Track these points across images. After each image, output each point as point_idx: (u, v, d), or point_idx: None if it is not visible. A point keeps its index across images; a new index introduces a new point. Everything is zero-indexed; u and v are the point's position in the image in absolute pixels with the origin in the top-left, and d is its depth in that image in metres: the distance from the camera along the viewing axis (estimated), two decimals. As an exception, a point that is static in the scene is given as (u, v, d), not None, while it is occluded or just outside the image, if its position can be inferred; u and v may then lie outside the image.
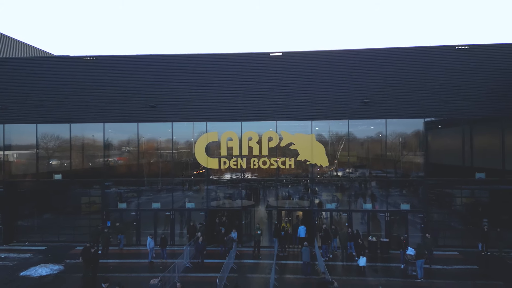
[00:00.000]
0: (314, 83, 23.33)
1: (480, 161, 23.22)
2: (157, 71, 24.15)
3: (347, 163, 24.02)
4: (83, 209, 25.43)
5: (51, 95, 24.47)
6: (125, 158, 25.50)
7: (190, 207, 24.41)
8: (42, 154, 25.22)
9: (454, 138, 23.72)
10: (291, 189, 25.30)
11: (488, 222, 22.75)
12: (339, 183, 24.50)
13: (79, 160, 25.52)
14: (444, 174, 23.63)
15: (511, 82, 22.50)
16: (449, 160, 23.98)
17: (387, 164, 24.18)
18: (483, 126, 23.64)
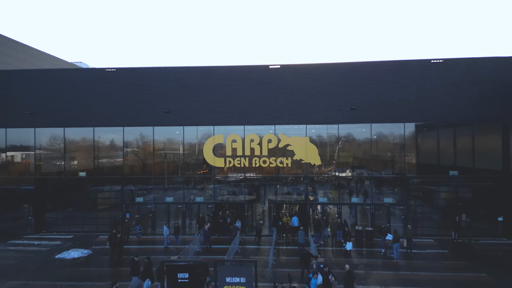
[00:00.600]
0: (308, 92, 26.57)
1: (453, 161, 26.49)
2: (170, 81, 27.45)
3: (337, 162, 27.29)
4: (104, 203, 28.76)
5: (76, 102, 27.77)
6: (127, 159, 28.82)
7: (199, 201, 27.70)
8: (68, 154, 28.56)
9: (430, 140, 26.99)
10: (289, 186, 28.54)
11: (465, 215, 25.90)
12: (330, 180, 27.75)
13: (101, 159, 28.86)
14: (423, 172, 26.92)
15: (479, 91, 25.71)
16: (426, 160, 27.24)
17: (373, 163, 27.46)
18: (456, 130, 26.86)
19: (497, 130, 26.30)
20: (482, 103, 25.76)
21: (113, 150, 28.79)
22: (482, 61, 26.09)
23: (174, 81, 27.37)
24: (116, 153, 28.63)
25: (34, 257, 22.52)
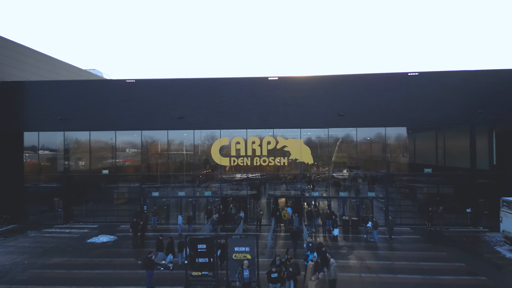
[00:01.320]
0: (302, 100, 30.60)
1: (427, 159, 30.60)
2: (181, 90, 31.48)
3: (328, 161, 31.37)
4: (123, 197, 32.85)
5: (100, 109, 31.83)
6: (129, 160, 32.90)
7: (207, 195, 31.78)
8: (93, 154, 32.66)
9: (409, 142, 31.10)
10: (286, 182, 32.60)
11: (442, 207, 29.90)
12: (321, 176, 31.81)
13: (122, 158, 32.96)
14: (402, 170, 31.01)
15: (449, 100, 29.71)
16: (406, 159, 31.31)
17: (359, 161, 31.53)
18: (430, 133, 30.94)
19: (466, 134, 30.38)
20: (452, 110, 29.80)
21: (131, 150, 32.88)
22: (452, 74, 30.17)
23: (185, 91, 31.41)
24: (134, 153, 32.72)
25: (68, 242, 26.58)
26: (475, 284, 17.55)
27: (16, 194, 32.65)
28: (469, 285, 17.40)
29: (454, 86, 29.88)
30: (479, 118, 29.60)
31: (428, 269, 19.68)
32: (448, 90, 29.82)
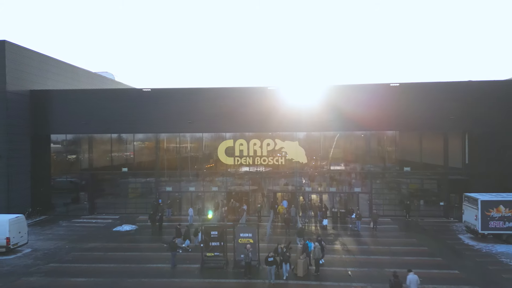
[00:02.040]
0: (297, 106, 34.81)
1: (410, 157, 35.03)
2: (191, 98, 35.72)
3: (320, 160, 35.80)
4: (140, 191, 37.40)
5: (120, 114, 36.10)
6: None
7: (214, 190, 36.31)
8: (114, 153, 37.12)
9: (392, 143, 35.49)
10: (284, 178, 36.99)
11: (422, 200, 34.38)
12: (314, 174, 36.25)
13: (139, 157, 37.43)
14: (385, 168, 35.45)
15: (427, 108, 33.89)
16: (389, 159, 35.73)
17: (348, 160, 35.95)
18: (411, 135, 35.29)
19: (440, 137, 34.74)
20: (430, 116, 34.01)
21: (147, 150, 37.37)
22: (429, 85, 34.41)
23: (195, 98, 35.63)
24: (150, 152, 37.20)
25: (97, 230, 31.19)
26: (430, 263, 22.04)
27: (45, 189, 37.16)
28: (426, 264, 21.88)
29: (432, 95, 34.04)
30: (453, 124, 33.86)
31: (397, 251, 24.20)
32: (426, 99, 33.99)
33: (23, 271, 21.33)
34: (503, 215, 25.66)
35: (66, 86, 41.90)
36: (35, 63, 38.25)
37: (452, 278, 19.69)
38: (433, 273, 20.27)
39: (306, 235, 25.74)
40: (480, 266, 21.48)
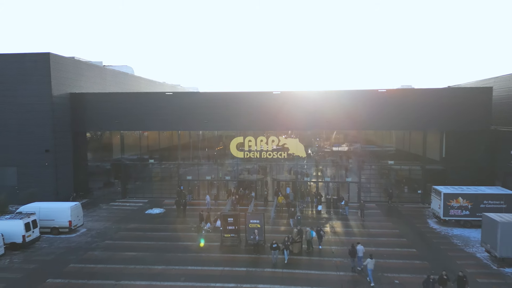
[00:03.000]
0: (297, 108, 40.57)
1: (393, 152, 41.07)
2: (206, 101, 41.70)
3: (317, 154, 41.98)
4: (165, 178, 44.14)
5: (147, 113, 42.28)
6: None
7: (227, 179, 42.91)
8: (143, 146, 43.65)
9: (379, 140, 41.47)
10: (287, 169, 43.35)
11: (407, 187, 40.66)
12: (312, 166, 42.53)
13: (163, 150, 43.97)
14: (373, 161, 41.60)
15: (409, 110, 39.49)
16: (377, 153, 41.81)
17: (342, 154, 42.08)
18: (396, 133, 41.13)
19: (420, 134, 40.58)
20: (413, 118, 39.69)
21: (170, 144, 43.88)
22: (412, 91, 39.94)
23: (209, 101, 41.61)
24: (172, 145, 43.73)
25: (132, 212, 38.12)
26: (396, 243, 28.52)
27: (84, 177, 44.05)
28: (393, 243, 28.37)
29: (415, 100, 39.63)
30: (432, 124, 39.57)
31: (374, 234, 30.73)
32: (408, 102, 39.59)
33: (87, 247, 28.30)
34: (461, 205, 31.90)
35: (95, 85, 48.12)
36: (71, 68, 44.21)
37: (409, 255, 26.21)
38: (395, 251, 26.83)
39: (302, 219, 32.38)
40: (434, 246, 27.95)
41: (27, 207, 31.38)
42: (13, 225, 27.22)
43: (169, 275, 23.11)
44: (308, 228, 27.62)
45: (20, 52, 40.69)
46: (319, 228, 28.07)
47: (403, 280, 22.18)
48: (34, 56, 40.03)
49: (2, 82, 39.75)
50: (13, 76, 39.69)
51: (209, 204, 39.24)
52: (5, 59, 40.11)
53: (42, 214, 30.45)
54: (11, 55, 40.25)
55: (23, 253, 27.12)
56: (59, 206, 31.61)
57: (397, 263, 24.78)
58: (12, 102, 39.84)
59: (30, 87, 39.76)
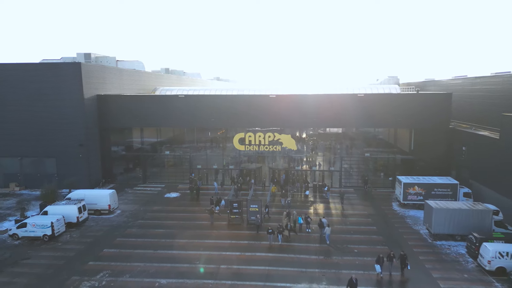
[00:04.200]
0: (290, 109, 48.34)
1: (371, 144, 49.29)
2: (212, 102, 49.43)
3: (306, 147, 50.12)
4: (178, 166, 52.46)
5: (163, 112, 50.05)
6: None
7: (231, 168, 51.28)
8: (160, 140, 51.72)
9: (358, 136, 49.55)
10: (281, 159, 51.61)
11: (383, 173, 49.06)
12: (302, 157, 50.77)
13: (177, 142, 52.06)
14: (351, 153, 49.86)
15: (383, 111, 47.29)
16: (356, 146, 50.03)
17: (328, 147, 50.25)
18: (374, 130, 49.15)
19: (391, 130, 48.60)
20: (385, 117, 47.59)
21: (183, 137, 51.90)
22: (386, 95, 47.59)
23: (215, 103, 49.33)
24: (185, 138, 51.75)
25: (154, 196, 46.62)
26: (362, 222, 37.13)
27: (110, 165, 52.34)
28: (359, 222, 36.98)
29: (387, 102, 47.43)
30: (403, 123, 47.49)
31: (346, 214, 39.34)
32: (381, 104, 47.38)
33: (125, 225, 36.89)
34: (417, 192, 40.38)
35: (115, 85, 55.59)
36: (96, 73, 51.49)
37: (370, 231, 34.85)
38: (360, 228, 35.47)
39: (292, 202, 40.93)
40: (391, 224, 36.60)
41: (75, 193, 39.82)
42: (69, 209, 35.72)
43: (191, 246, 31.76)
44: (295, 212, 36.15)
45: (57, 62, 48.16)
46: (307, 216, 36.41)
47: (360, 250, 30.85)
48: (68, 65, 47.53)
49: (42, 87, 47.17)
50: (52, 82, 47.11)
51: (217, 189, 47.72)
52: (45, 67, 47.60)
53: (87, 200, 38.80)
54: (49, 64, 47.72)
55: (78, 230, 35.73)
56: (100, 193, 40.08)
57: (359, 237, 33.45)
58: (51, 103, 47.43)
59: (66, 91, 47.25)
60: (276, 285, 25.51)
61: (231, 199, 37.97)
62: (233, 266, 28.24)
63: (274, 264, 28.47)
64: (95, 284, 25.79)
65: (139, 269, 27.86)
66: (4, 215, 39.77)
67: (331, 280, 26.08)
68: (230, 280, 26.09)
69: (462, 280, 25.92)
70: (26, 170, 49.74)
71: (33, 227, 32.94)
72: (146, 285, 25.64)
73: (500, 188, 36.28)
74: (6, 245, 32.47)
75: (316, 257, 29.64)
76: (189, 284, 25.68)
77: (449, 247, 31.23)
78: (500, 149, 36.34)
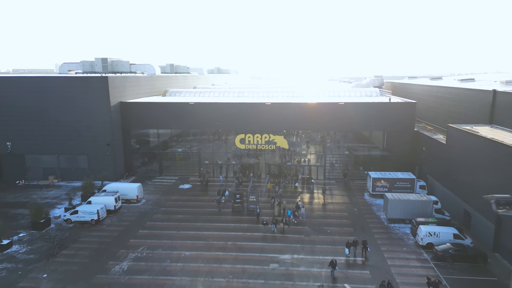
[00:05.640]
0: (281, 114, 57.92)
1: (350, 143, 59.29)
2: (217, 108, 58.96)
3: (296, 146, 60.04)
4: (189, 161, 62.47)
5: (176, 116, 59.63)
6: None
7: (233, 163, 61.27)
8: (172, 140, 61.61)
9: (340, 137, 59.42)
10: (276, 156, 61.51)
11: (362, 167, 59.14)
12: (292, 154, 60.70)
13: (188, 141, 61.96)
14: (334, 151, 59.86)
15: (363, 116, 56.90)
16: (338, 145, 59.97)
17: (314, 146, 60.15)
18: (353, 132, 58.98)
19: (367, 133, 58.42)
20: (363, 121, 57.27)
21: (193, 137, 61.91)
22: (360, 104, 57.15)
23: (220, 109, 58.87)
24: (195, 138, 61.63)
25: (170, 187, 56.66)
26: (336, 209, 47.29)
27: (131, 161, 62.25)
28: (334, 209, 47.13)
29: (363, 109, 57.04)
30: (377, 126, 57.22)
31: (326, 202, 49.49)
32: (358, 112, 56.98)
33: (151, 212, 47.01)
34: (383, 185, 50.45)
35: (133, 91, 64.96)
36: (119, 83, 60.75)
37: (342, 216, 45.04)
38: (335, 213, 45.66)
39: (283, 192, 51.02)
40: (359, 211, 46.78)
41: (110, 186, 49.86)
42: (108, 199, 45.79)
43: (205, 228, 41.94)
44: (285, 202, 46.29)
45: (88, 76, 57.25)
46: (294, 210, 46.25)
47: (332, 230, 41.05)
48: (98, 78, 56.90)
49: (76, 96, 56.47)
50: (84, 92, 56.41)
51: (222, 182, 57.81)
52: (78, 80, 57.10)
53: (119, 191, 48.81)
54: (82, 77, 57.19)
55: (115, 215, 45.87)
56: (130, 186, 50.11)
57: (333, 221, 43.65)
58: (84, 109, 56.84)
59: (95, 99, 56.62)
60: (268, 255, 35.75)
61: (234, 191, 48.05)
62: (237, 242, 38.45)
63: (267, 241, 38.73)
64: (138, 255, 36.02)
65: (168, 244, 38.07)
66: (52, 204, 49.79)
67: (308, 252, 36.36)
68: (235, 252, 36.33)
69: (401, 252, 36.19)
70: (62, 165, 59.66)
71: (83, 214, 43.05)
72: (175, 255, 35.84)
73: (445, 182, 46.32)
74: (63, 228, 42.60)
75: (298, 235, 39.88)
76: (205, 255, 35.91)
77: (399, 228, 41.49)
78: (445, 152, 46.17)
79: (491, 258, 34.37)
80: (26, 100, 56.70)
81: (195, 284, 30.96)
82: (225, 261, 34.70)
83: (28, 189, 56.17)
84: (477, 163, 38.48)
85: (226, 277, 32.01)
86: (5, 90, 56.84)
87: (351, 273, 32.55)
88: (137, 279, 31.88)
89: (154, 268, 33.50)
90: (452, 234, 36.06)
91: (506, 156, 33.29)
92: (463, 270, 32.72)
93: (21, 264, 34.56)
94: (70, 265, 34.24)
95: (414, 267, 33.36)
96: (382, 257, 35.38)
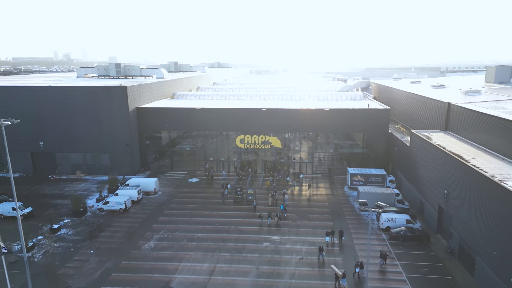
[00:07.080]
0: (276, 117, 67.60)
1: (334, 144, 69.38)
2: (219, 113, 68.67)
3: (289, 145, 70.03)
4: (196, 156, 72.49)
5: (187, 119, 69.34)
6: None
7: (234, 160, 71.32)
8: (183, 140, 71.50)
9: (327, 137, 69.40)
10: (272, 153, 71.47)
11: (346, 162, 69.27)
12: (286, 152, 70.69)
13: (197, 142, 71.91)
14: (321, 149, 69.84)
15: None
16: (325, 145, 69.97)
17: (305, 145, 70.11)
18: (338, 133, 68.92)
19: (352, 134, 68.37)
20: (345, 125, 67.13)
21: (201, 138, 71.74)
22: (343, 110, 66.98)
23: (223, 114, 68.58)
24: (200, 138, 71.60)
25: (181, 181, 66.75)
26: (320, 199, 57.47)
27: (146, 158, 72.22)
28: (317, 199, 57.28)
29: (345, 115, 66.84)
30: (357, 129, 67.08)
31: (312, 194, 59.66)
32: (341, 116, 66.74)
33: (167, 202, 57.16)
34: (359, 179, 60.56)
35: (147, 96, 74.47)
36: (135, 91, 70.24)
37: (322, 205, 55.27)
38: (318, 203, 55.88)
39: (276, 185, 61.12)
40: (337, 201, 56.97)
41: (132, 181, 59.97)
42: (132, 192, 55.91)
43: (213, 215, 52.14)
44: (277, 194, 56.44)
45: (110, 86, 66.77)
46: (286, 205, 56.10)
47: (314, 217, 51.29)
48: (118, 88, 66.46)
49: (100, 102, 66.00)
50: (106, 100, 65.97)
51: (225, 176, 67.95)
52: (101, 89, 66.75)
53: (140, 185, 58.86)
54: (105, 87, 66.77)
55: (138, 205, 56.02)
56: (148, 180, 60.20)
57: (315, 209, 53.89)
58: (106, 114, 66.43)
59: (116, 106, 66.16)
60: (262, 236, 46.03)
61: (236, 185, 58.19)
62: (238, 226, 48.70)
63: (263, 225, 49.01)
64: (161, 236, 46.24)
65: (184, 228, 48.29)
66: (84, 195, 59.86)
67: (293, 233, 46.66)
68: (236, 234, 46.60)
69: (365, 234, 46.44)
70: (87, 162, 69.65)
71: (113, 204, 53.20)
72: (190, 236, 46.09)
73: (408, 178, 56.46)
74: (97, 215, 52.75)
75: (286, 221, 50.15)
76: (214, 236, 46.15)
77: (368, 215, 51.74)
78: (409, 152, 56.16)
79: (434, 238, 44.72)
80: (55, 106, 66.27)
81: (206, 257, 41.25)
82: (229, 240, 44.96)
83: (60, 182, 66.27)
84: (427, 162, 48.51)
85: (230, 252, 42.30)
86: (38, 98, 66.41)
87: (327, 249, 42.85)
88: (162, 254, 42.14)
89: (174, 246, 43.75)
90: (405, 220, 46.29)
91: (444, 158, 43.29)
92: (409, 247, 43.08)
93: (71, 243, 44.83)
94: (109, 244, 44.48)
95: (373, 244, 43.66)
96: (351, 238, 45.68)
